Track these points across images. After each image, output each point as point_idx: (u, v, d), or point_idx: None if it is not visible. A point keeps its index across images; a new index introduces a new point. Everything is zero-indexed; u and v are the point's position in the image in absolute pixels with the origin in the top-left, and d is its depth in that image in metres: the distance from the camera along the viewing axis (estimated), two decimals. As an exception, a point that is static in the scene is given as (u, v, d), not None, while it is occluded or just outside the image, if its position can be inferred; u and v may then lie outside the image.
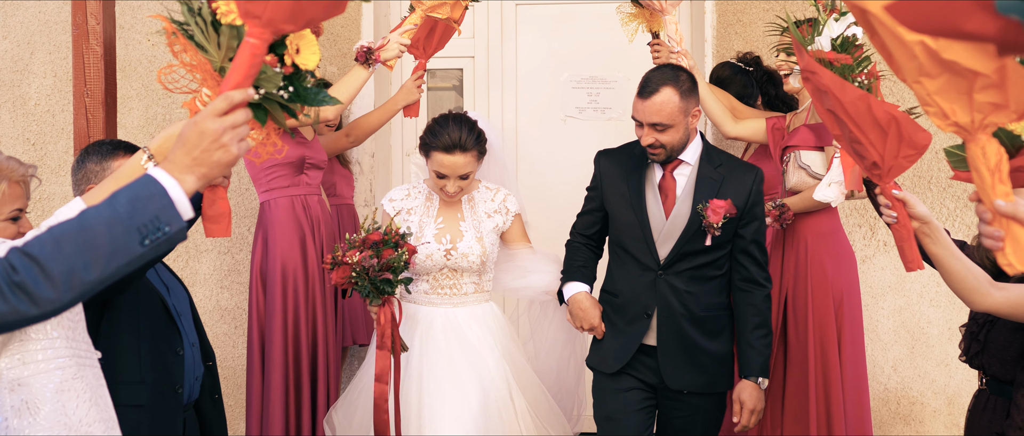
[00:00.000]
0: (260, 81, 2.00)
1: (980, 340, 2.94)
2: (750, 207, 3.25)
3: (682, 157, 3.27)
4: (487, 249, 3.46)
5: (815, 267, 3.78)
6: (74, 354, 2.24)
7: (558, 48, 5.12)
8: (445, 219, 3.47)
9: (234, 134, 1.75)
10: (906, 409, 4.69)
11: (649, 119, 3.16)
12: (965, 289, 2.34)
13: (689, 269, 3.24)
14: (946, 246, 2.31)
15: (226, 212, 2.26)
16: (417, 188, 3.55)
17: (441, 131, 3.34)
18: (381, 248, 3.13)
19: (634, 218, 3.26)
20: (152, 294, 2.84)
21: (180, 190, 1.69)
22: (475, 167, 3.40)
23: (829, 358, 3.77)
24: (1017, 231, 1.61)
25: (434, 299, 3.48)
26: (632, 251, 3.29)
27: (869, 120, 2.15)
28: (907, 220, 2.27)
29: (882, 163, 2.21)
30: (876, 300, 4.66)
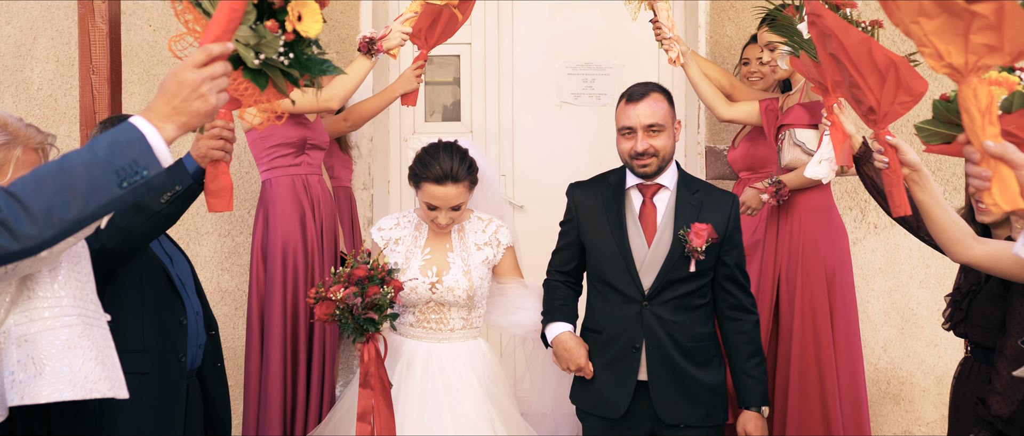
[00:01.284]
0: (260, 46, 2.07)
1: (963, 309, 3.01)
2: (730, 233, 3.20)
3: (662, 181, 3.20)
4: (475, 284, 3.31)
5: (808, 242, 3.86)
6: (81, 313, 2.29)
7: (553, 35, 5.20)
8: (433, 250, 3.36)
9: (213, 85, 1.81)
10: (896, 389, 4.77)
11: (644, 121, 3.11)
12: (948, 239, 2.40)
13: (674, 299, 3.16)
14: (933, 195, 2.37)
15: (228, 186, 2.32)
16: (407, 217, 3.45)
17: (431, 162, 3.22)
18: (366, 285, 3.02)
19: (615, 249, 3.17)
20: (155, 264, 2.90)
21: (159, 137, 1.74)
22: (467, 197, 3.28)
23: (821, 333, 3.84)
24: (1004, 172, 1.66)
25: (419, 332, 3.36)
26: (614, 283, 3.19)
27: (869, 64, 2.21)
28: (898, 166, 2.32)
29: (878, 108, 2.27)
30: (866, 281, 4.74)
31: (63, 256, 2.23)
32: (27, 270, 2.15)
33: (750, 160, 4.32)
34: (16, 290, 2.20)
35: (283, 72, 2.17)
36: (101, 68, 3.48)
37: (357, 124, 4.38)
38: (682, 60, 4.01)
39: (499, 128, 5.21)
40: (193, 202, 2.66)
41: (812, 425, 3.84)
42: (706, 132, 4.88)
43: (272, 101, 2.20)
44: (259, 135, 3.98)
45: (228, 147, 2.39)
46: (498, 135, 5.21)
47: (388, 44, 3.88)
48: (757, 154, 4.28)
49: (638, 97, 3.14)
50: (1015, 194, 1.65)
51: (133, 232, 2.62)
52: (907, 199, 2.38)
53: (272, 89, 2.17)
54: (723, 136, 4.83)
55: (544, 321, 3.31)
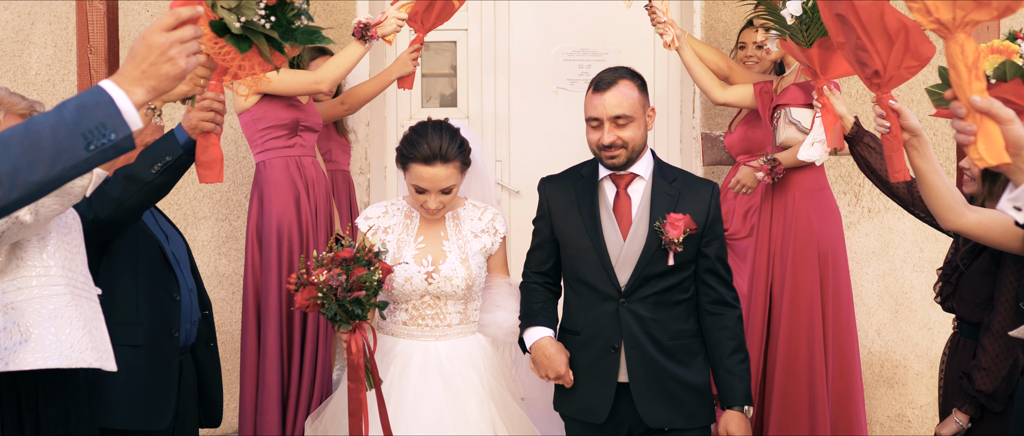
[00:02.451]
0: (241, 9, 2.07)
1: (952, 283, 3.03)
2: (710, 224, 3.02)
3: (636, 170, 3.02)
4: (474, 272, 3.12)
5: (802, 222, 3.88)
6: (70, 284, 2.32)
7: (550, 21, 5.22)
8: (426, 239, 3.15)
9: (181, 48, 1.79)
10: (890, 372, 4.80)
11: (611, 112, 2.93)
12: (942, 206, 2.42)
13: (653, 295, 2.99)
14: (931, 161, 2.38)
15: (218, 158, 2.34)
16: (396, 205, 3.24)
17: (419, 141, 3.02)
18: (351, 266, 2.77)
19: (589, 244, 3.00)
20: (150, 240, 2.93)
21: (127, 100, 1.73)
22: (458, 180, 3.07)
23: (813, 313, 3.87)
24: (989, 126, 1.67)
25: (413, 331, 3.13)
26: (589, 280, 3.02)
27: (879, 27, 2.19)
28: (899, 131, 2.33)
29: (884, 72, 2.26)
30: (860, 266, 4.77)
31: (53, 226, 2.25)
32: (15, 238, 2.17)
33: (747, 143, 4.34)
34: (5, 258, 2.22)
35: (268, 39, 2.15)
36: (99, 49, 3.49)
37: (354, 108, 4.41)
38: (677, 44, 4.03)
39: (495, 114, 5.24)
40: (184, 173, 2.68)
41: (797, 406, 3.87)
42: (702, 117, 4.90)
43: (258, 70, 2.19)
44: (252, 117, 4.00)
45: (218, 119, 2.39)
46: (494, 121, 5.24)
47: (383, 30, 3.90)
48: (754, 137, 4.31)
49: (605, 86, 2.95)
50: (1000, 148, 1.66)
51: (125, 203, 2.64)
52: (905, 164, 2.38)
53: (258, 57, 2.17)
54: (719, 121, 4.85)
55: (522, 325, 3.11)
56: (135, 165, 2.61)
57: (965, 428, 2.95)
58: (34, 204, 2.11)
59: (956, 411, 2.95)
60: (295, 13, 2.18)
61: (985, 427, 2.89)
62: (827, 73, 2.73)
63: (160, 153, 2.59)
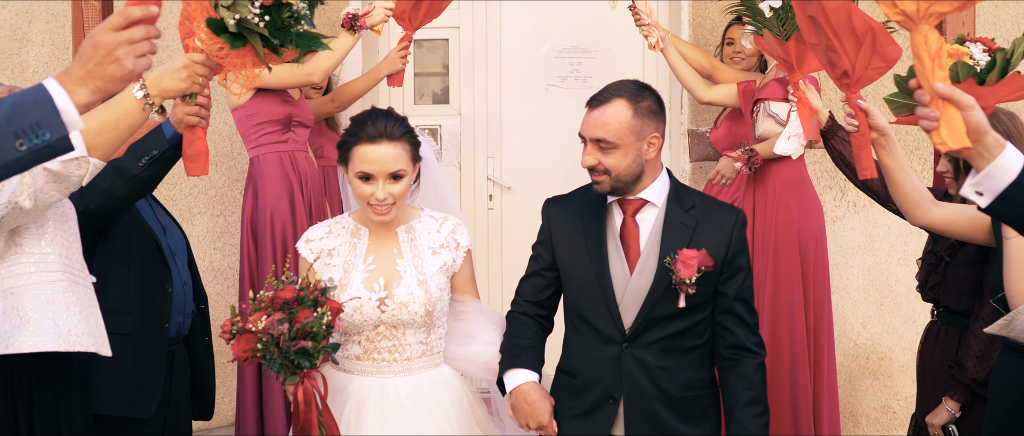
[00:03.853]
0: (236, 7, 2.08)
1: (939, 272, 3.10)
2: (731, 257, 2.64)
3: (646, 196, 2.67)
4: (433, 296, 2.70)
5: (782, 214, 3.97)
6: (67, 270, 2.37)
7: (541, 19, 5.29)
8: (377, 258, 2.74)
9: (130, 49, 1.72)
10: (875, 364, 4.87)
11: (591, 133, 2.61)
12: (909, 203, 2.49)
13: (661, 339, 2.63)
14: (899, 159, 2.45)
15: (203, 151, 2.35)
16: (341, 223, 2.83)
17: (363, 121, 2.70)
18: (295, 309, 2.39)
19: (592, 277, 2.66)
20: (145, 232, 3.00)
21: (68, 100, 1.68)
22: (409, 168, 2.69)
23: (795, 303, 3.95)
24: (951, 113, 1.73)
25: (368, 366, 2.71)
26: (591, 319, 2.68)
27: (847, 28, 2.27)
28: (867, 130, 2.39)
29: (852, 72, 2.34)
30: (846, 259, 4.84)
31: (50, 214, 2.31)
32: (14, 223, 2.24)
33: (732, 139, 4.42)
34: (4, 245, 2.28)
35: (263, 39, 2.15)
36: (93, 46, 3.56)
37: (344, 105, 4.49)
38: (662, 45, 4.11)
39: (487, 110, 5.31)
40: (172, 166, 2.73)
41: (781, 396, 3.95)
42: (689, 114, 4.97)
43: (251, 69, 2.20)
44: (245, 113, 4.08)
45: (204, 113, 2.39)
46: (486, 117, 5.31)
47: (371, 20, 3.97)
48: (739, 133, 4.38)
49: (596, 103, 2.64)
50: (961, 133, 1.72)
51: (114, 194, 2.70)
52: (874, 163, 2.45)
53: (251, 55, 2.18)
54: (706, 117, 4.92)
55: (503, 365, 2.73)
56: (124, 158, 2.67)
57: (956, 416, 3.01)
58: (33, 189, 2.14)
59: (947, 399, 3.01)
60: (292, 15, 2.17)
61: (975, 414, 2.94)
62: (802, 68, 2.80)
63: (148, 146, 2.65)
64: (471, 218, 5.32)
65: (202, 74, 2.19)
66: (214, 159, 4.90)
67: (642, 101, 2.62)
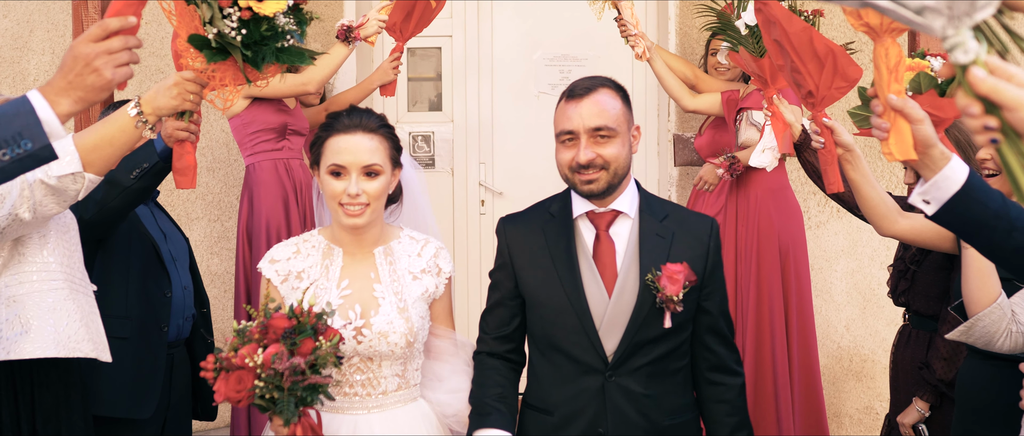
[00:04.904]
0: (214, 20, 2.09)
1: (908, 278, 3.20)
2: (710, 270, 2.45)
3: (619, 206, 2.44)
4: (415, 324, 2.45)
5: (763, 220, 4.09)
6: (68, 279, 2.44)
7: (532, 27, 5.40)
8: (352, 283, 2.47)
9: (108, 59, 1.76)
10: (858, 366, 4.97)
11: (589, 122, 2.36)
12: (876, 215, 2.59)
13: (647, 365, 2.40)
14: (864, 174, 2.54)
15: (192, 165, 2.40)
16: (310, 240, 2.55)
17: (338, 115, 2.49)
18: (297, 339, 2.09)
19: (565, 301, 2.40)
20: (144, 239, 3.09)
21: (50, 111, 1.72)
22: (386, 167, 2.44)
23: (775, 309, 4.06)
24: (901, 124, 1.81)
25: (340, 402, 2.43)
26: (567, 348, 2.43)
27: (810, 51, 2.38)
28: (833, 146, 2.48)
29: (817, 92, 2.45)
30: (830, 263, 4.94)
31: (52, 225, 2.39)
32: (16, 234, 2.32)
33: (715, 146, 4.53)
34: (8, 254, 2.36)
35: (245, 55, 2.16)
36: (93, 58, 3.66)
37: (338, 114, 4.59)
38: (648, 55, 4.22)
39: (479, 117, 5.41)
40: (163, 179, 2.82)
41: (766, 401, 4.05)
42: (676, 120, 5.07)
43: (230, 84, 2.21)
44: (241, 122, 4.18)
45: (194, 128, 2.43)
46: (478, 124, 5.42)
47: (365, 32, 4.06)
48: (722, 141, 4.49)
49: (582, 92, 2.40)
50: (908, 145, 1.81)
51: (107, 205, 2.79)
52: (841, 177, 2.54)
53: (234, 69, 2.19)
54: (692, 124, 5.03)
55: (473, 422, 2.47)
56: (116, 171, 2.76)
57: (926, 416, 3.12)
58: (32, 202, 2.20)
59: (917, 400, 3.12)
60: (271, 29, 2.17)
61: (944, 414, 3.04)
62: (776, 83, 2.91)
63: (139, 160, 2.74)
64: (463, 223, 5.43)
65: (193, 91, 2.22)
66: (212, 165, 5.00)
67: (620, 90, 2.47)
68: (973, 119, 1.19)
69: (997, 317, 2.29)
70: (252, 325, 2.10)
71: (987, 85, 1.16)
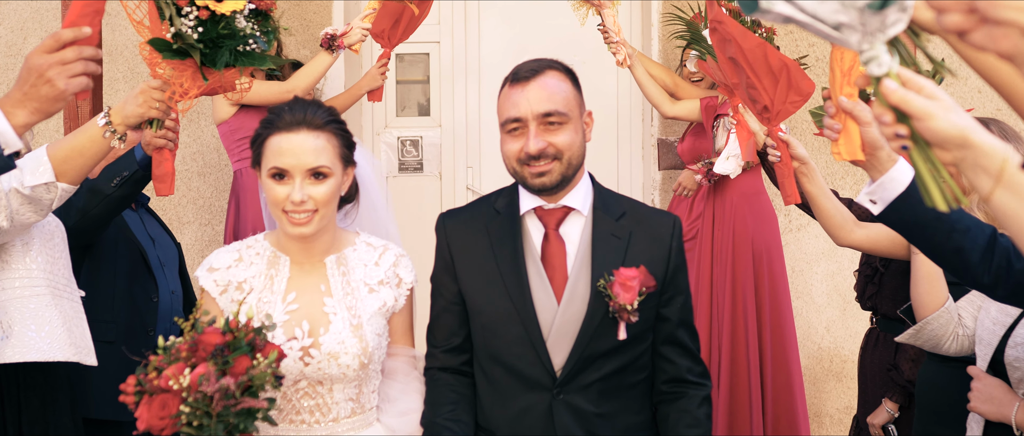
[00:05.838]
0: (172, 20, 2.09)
1: (876, 282, 3.28)
2: (672, 274, 2.21)
3: (571, 202, 2.21)
4: (370, 343, 2.18)
5: (739, 223, 4.18)
6: (51, 285, 2.48)
7: (518, 33, 5.48)
8: (300, 296, 2.21)
9: (62, 70, 1.78)
10: (838, 367, 5.05)
11: (538, 107, 2.14)
12: (832, 225, 2.66)
13: (599, 380, 2.17)
14: (820, 186, 2.61)
15: (170, 172, 2.45)
16: (254, 247, 2.29)
17: (279, 109, 2.20)
18: (230, 357, 1.82)
19: (510, 308, 2.17)
20: (131, 245, 3.18)
21: (5, 122, 1.75)
22: (335, 167, 2.17)
23: (748, 312, 4.15)
24: (851, 126, 1.88)
25: (285, 429, 2.19)
26: (510, 362, 2.19)
27: (764, 66, 2.46)
28: (789, 159, 2.54)
29: (772, 107, 2.52)
30: (810, 265, 5.02)
31: (36, 232, 2.44)
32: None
33: (696, 152, 4.60)
34: (-9, 261, 2.43)
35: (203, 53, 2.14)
36: (82, 67, 3.74)
37: (327, 119, 4.68)
38: (629, 62, 4.31)
39: (466, 121, 5.50)
40: (144, 186, 2.90)
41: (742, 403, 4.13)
42: (659, 125, 5.15)
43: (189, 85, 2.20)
44: (229, 128, 4.26)
45: (171, 136, 2.45)
46: (466, 128, 5.50)
47: (349, 40, 4.14)
48: (702, 146, 4.56)
49: (527, 75, 2.18)
50: (856, 146, 1.88)
51: (89, 213, 2.87)
52: (797, 189, 2.60)
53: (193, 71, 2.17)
54: (676, 128, 5.10)
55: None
56: (98, 179, 2.84)
57: (895, 417, 3.20)
58: (9, 211, 2.24)
59: (886, 401, 3.20)
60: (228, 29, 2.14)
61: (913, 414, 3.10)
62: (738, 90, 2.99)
63: (119, 168, 2.82)
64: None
65: (158, 99, 2.23)
66: (204, 170, 5.08)
67: (569, 72, 2.25)
68: (885, 127, 1.27)
69: (945, 321, 2.36)
70: (181, 341, 1.83)
71: (898, 96, 1.23)
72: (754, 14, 1.27)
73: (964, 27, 1.12)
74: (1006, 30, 1.08)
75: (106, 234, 3.13)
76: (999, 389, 2.15)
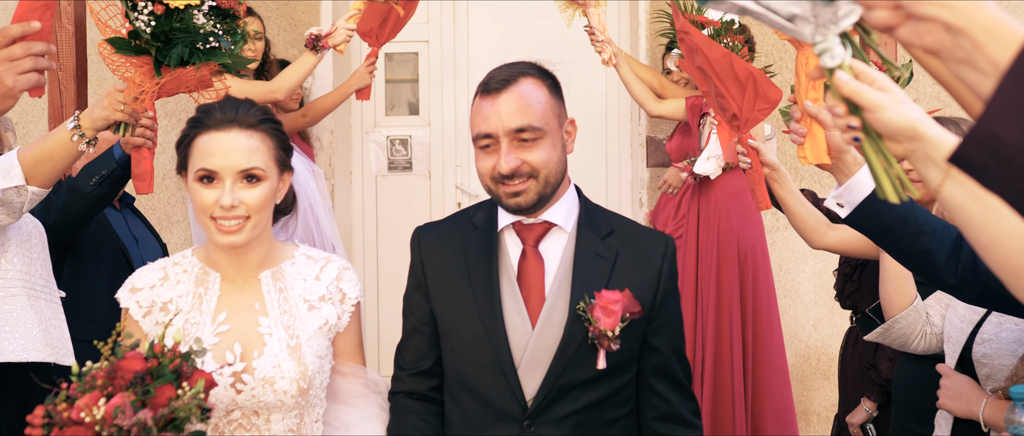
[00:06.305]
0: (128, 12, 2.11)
1: (855, 280, 3.29)
2: (661, 299, 2.04)
3: (553, 218, 2.04)
4: (310, 366, 2.00)
5: (724, 223, 4.19)
6: (27, 286, 2.49)
7: (507, 32, 5.49)
8: (232, 315, 2.02)
9: (9, 67, 1.76)
10: (826, 365, 5.06)
11: (510, 122, 1.96)
12: (805, 229, 2.67)
13: (574, 414, 2.00)
14: (792, 191, 2.62)
15: (149, 171, 2.47)
16: (182, 263, 2.10)
17: (209, 108, 2.04)
18: (151, 386, 1.62)
19: (481, 331, 2.01)
20: (114, 245, 3.19)
21: None
22: (271, 170, 2.00)
23: (734, 311, 4.16)
24: (817, 130, 1.90)
25: None
26: (479, 389, 2.03)
27: (731, 75, 2.48)
28: (759, 166, 2.55)
29: (741, 115, 2.54)
30: (797, 264, 5.03)
31: (12, 232, 2.46)
32: None
33: (682, 151, 4.61)
34: (-33, 264, 2.44)
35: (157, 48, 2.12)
36: (67, 66, 3.75)
37: (315, 119, 4.69)
38: (614, 61, 4.32)
39: (456, 121, 5.51)
40: (123, 185, 2.91)
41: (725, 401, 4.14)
42: (647, 123, 5.16)
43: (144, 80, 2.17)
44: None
45: (149, 134, 2.44)
46: (454, 127, 5.51)
47: (333, 41, 4.15)
48: (689, 145, 4.57)
49: (499, 86, 1.99)
50: (822, 150, 1.90)
51: (69, 211, 2.89)
52: (768, 195, 2.61)
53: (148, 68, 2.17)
54: (664, 126, 5.11)
55: None
56: (77, 178, 2.86)
57: (874, 416, 3.21)
58: None
59: (865, 400, 3.21)
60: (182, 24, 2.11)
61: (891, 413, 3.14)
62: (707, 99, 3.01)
63: (98, 167, 2.83)
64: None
65: (121, 100, 2.23)
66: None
67: (547, 78, 2.07)
68: (838, 118, 1.28)
69: (912, 319, 2.37)
70: (97, 367, 1.63)
71: (850, 88, 1.24)
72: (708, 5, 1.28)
73: (891, 23, 1.13)
74: (929, 26, 1.08)
75: (88, 234, 3.14)
76: (967, 386, 2.16)
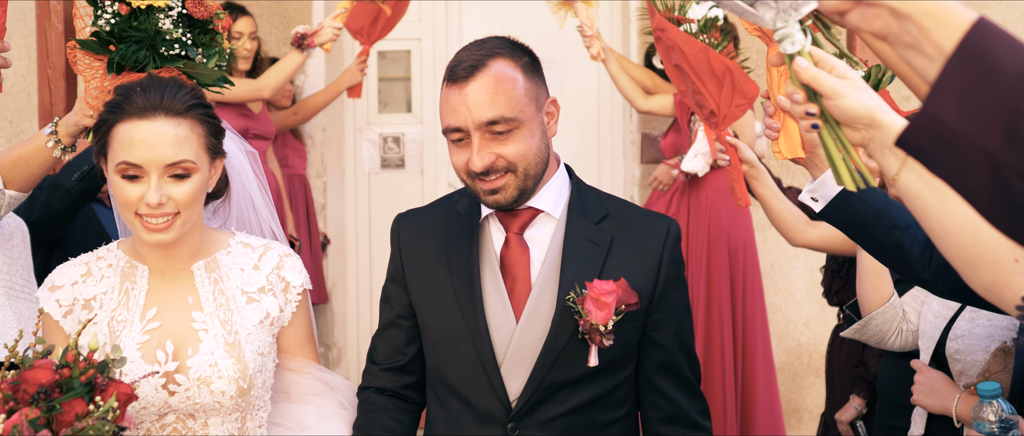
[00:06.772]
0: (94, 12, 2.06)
1: (842, 277, 3.29)
2: (662, 289, 1.86)
3: (539, 204, 1.88)
4: (250, 364, 1.83)
5: (713, 221, 4.20)
6: (7, 285, 2.50)
7: (499, 30, 5.40)
8: (163, 311, 1.86)
9: None
10: (817, 362, 5.05)
11: (479, 114, 1.77)
12: (785, 226, 2.68)
13: (563, 415, 1.83)
14: (771, 188, 2.63)
15: None
16: (106, 259, 1.94)
17: (129, 91, 1.82)
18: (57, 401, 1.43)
19: (461, 326, 1.85)
20: (101, 239, 3.19)
21: None
22: (202, 161, 1.82)
23: (723, 306, 4.17)
24: (790, 125, 1.89)
25: None
26: (460, 388, 1.87)
27: (708, 70, 2.47)
28: (738, 163, 2.55)
29: (718, 111, 2.54)
30: (789, 261, 5.03)
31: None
32: None
33: (676, 148, 4.62)
34: (-54, 262, 2.45)
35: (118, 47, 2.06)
36: (57, 65, 3.77)
37: (306, 117, 4.71)
38: (603, 56, 4.33)
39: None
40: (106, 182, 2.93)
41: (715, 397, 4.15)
42: (640, 121, 5.17)
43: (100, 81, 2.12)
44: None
45: None
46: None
47: (320, 39, 4.17)
48: (682, 143, 4.58)
49: (466, 73, 1.80)
50: (796, 144, 1.90)
51: (52, 207, 2.90)
52: (747, 192, 2.61)
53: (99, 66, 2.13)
54: (657, 124, 5.12)
55: None
56: (60, 174, 2.87)
57: (863, 412, 3.21)
58: None
59: (854, 397, 3.21)
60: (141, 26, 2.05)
61: (878, 410, 3.15)
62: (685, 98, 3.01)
63: (80, 163, 2.85)
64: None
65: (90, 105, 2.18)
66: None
67: (522, 55, 1.88)
68: (796, 105, 1.28)
69: (889, 316, 2.38)
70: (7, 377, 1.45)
71: (809, 74, 1.25)
72: None
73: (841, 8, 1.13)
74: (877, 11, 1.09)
75: (76, 229, 3.15)
76: (940, 381, 2.17)
